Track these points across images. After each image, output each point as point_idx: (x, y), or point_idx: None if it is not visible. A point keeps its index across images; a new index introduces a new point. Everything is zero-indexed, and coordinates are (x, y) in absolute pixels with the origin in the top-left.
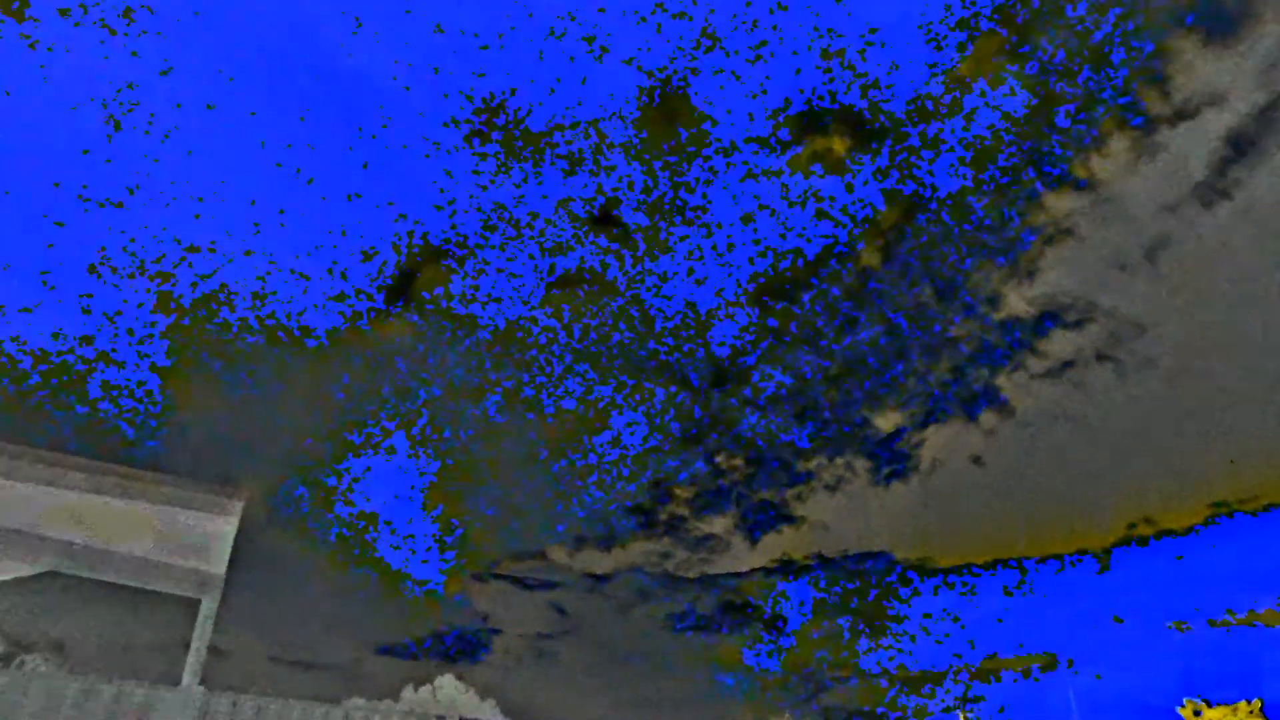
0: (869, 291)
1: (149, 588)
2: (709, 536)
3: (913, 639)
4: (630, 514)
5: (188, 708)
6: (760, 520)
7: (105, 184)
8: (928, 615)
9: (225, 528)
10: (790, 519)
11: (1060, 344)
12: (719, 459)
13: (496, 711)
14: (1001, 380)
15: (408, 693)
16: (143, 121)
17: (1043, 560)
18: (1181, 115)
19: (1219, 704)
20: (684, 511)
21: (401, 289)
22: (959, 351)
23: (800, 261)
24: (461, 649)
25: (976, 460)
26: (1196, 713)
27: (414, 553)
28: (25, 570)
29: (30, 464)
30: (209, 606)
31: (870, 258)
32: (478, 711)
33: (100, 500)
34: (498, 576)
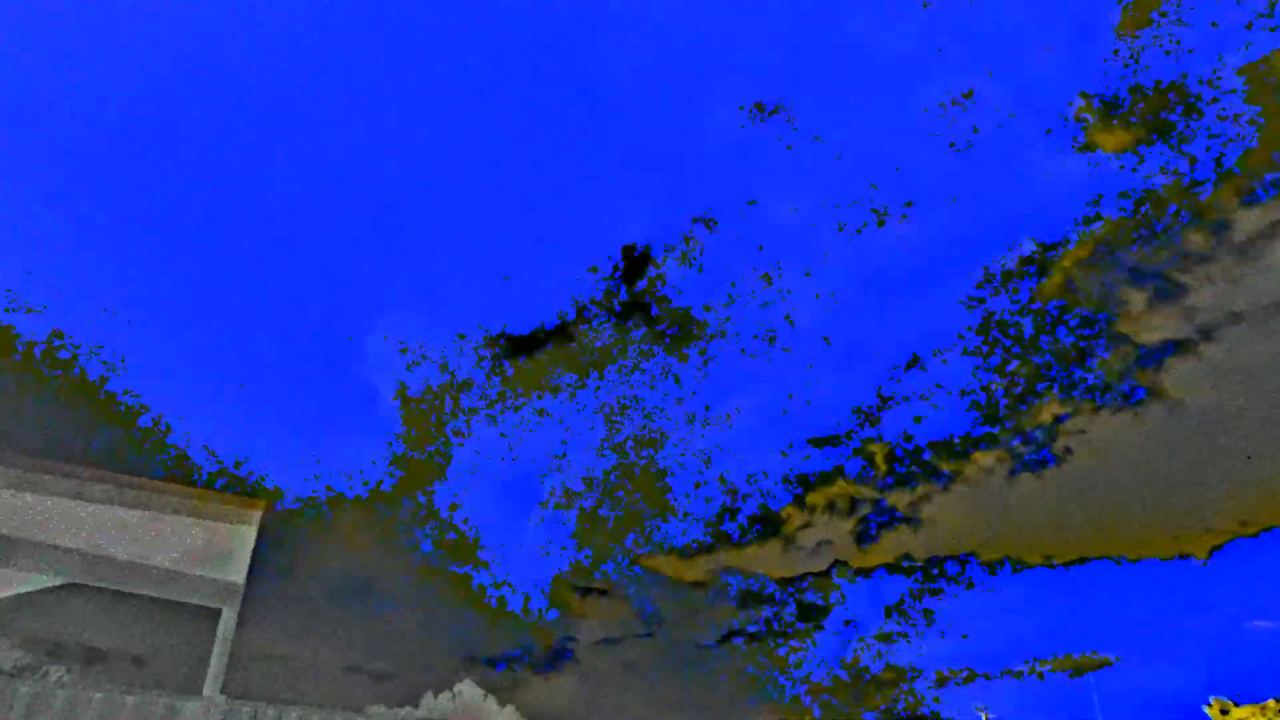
0: (1072, 288)
1: (170, 598)
2: (825, 542)
3: (965, 637)
4: (754, 521)
5: (209, 716)
6: (880, 523)
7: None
8: (982, 616)
9: (246, 537)
10: (911, 521)
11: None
12: (872, 453)
13: (518, 716)
14: (1161, 374)
15: (427, 699)
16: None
17: (1088, 560)
18: None
19: (1247, 703)
20: (811, 519)
21: (620, 293)
22: (1137, 346)
23: (1008, 258)
24: (547, 659)
25: (1104, 454)
26: (1224, 711)
27: (511, 568)
28: (47, 582)
29: (51, 477)
30: (230, 615)
31: (1079, 254)
32: (498, 717)
33: (121, 512)
34: (587, 589)
